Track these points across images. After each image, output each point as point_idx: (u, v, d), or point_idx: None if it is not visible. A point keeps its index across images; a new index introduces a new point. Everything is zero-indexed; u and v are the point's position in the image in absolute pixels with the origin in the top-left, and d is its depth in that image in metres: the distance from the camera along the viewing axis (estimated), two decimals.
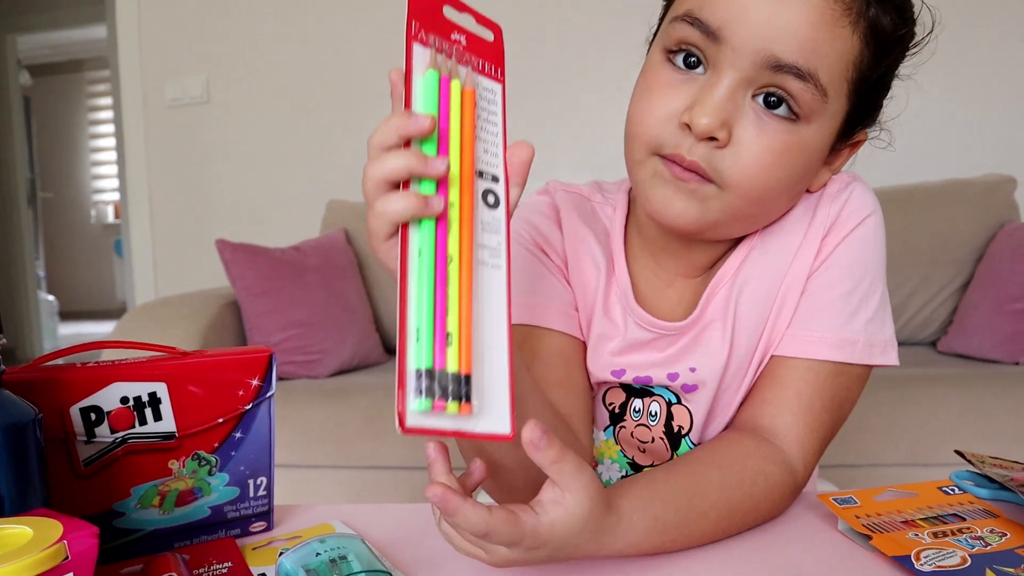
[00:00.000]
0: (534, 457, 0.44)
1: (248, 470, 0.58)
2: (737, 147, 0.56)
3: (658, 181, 0.60)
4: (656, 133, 0.59)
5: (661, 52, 0.60)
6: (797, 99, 0.56)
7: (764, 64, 0.55)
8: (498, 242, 0.44)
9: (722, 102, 0.55)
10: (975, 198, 2.09)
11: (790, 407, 0.62)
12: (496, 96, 0.45)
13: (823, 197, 0.66)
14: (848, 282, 0.65)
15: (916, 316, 2.09)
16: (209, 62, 2.81)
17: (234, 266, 1.95)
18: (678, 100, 0.58)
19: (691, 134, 0.56)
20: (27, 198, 5.20)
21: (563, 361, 0.68)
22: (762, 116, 0.56)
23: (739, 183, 0.57)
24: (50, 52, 6.54)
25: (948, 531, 0.53)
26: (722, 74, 0.56)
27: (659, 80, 0.60)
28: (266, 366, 0.57)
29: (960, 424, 1.54)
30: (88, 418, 0.51)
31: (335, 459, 1.67)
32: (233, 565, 0.52)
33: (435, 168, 0.40)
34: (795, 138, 0.57)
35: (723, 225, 0.61)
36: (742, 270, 0.66)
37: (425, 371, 0.39)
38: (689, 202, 0.59)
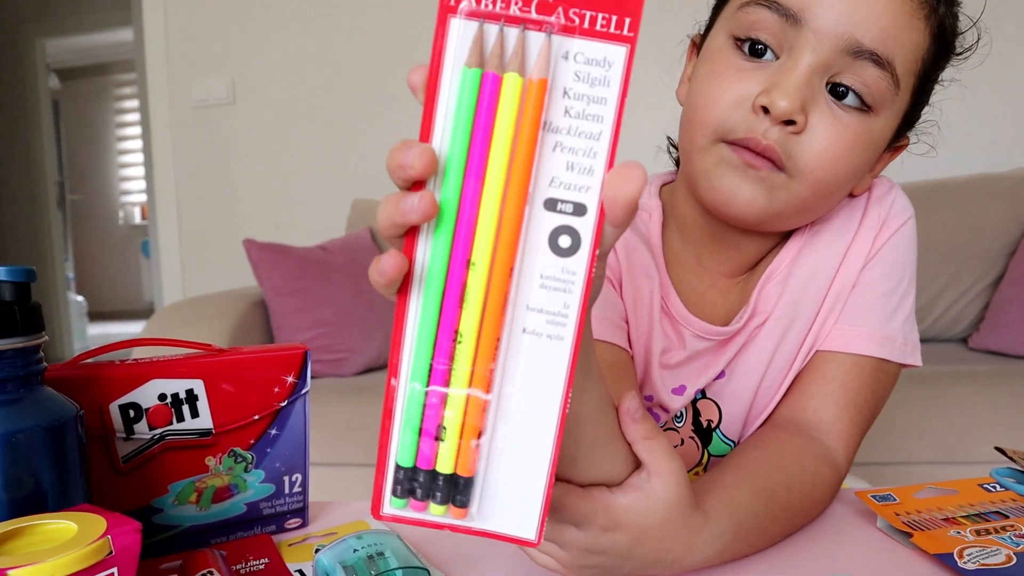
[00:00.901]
0: (627, 429, 0.42)
1: (283, 467, 0.58)
2: (812, 134, 0.56)
3: (725, 168, 0.58)
4: (726, 117, 0.57)
5: (728, 38, 0.59)
6: (872, 88, 0.55)
7: (845, 49, 0.54)
8: (565, 304, 0.31)
9: (801, 85, 0.55)
10: (1006, 192, 2.06)
11: (836, 401, 0.62)
12: (610, 70, 0.29)
13: (871, 199, 0.67)
14: (891, 281, 0.65)
15: (947, 313, 2.06)
16: (234, 63, 2.83)
17: (262, 266, 1.96)
18: (751, 84, 0.56)
19: (766, 118, 0.55)
20: (56, 200, 5.28)
21: (616, 374, 0.63)
22: (835, 105, 0.56)
23: (812, 171, 0.56)
24: (78, 56, 6.62)
25: (991, 529, 0.52)
26: (800, 58, 0.55)
27: (728, 65, 0.58)
28: (301, 363, 0.57)
29: (993, 421, 1.52)
30: (127, 415, 0.52)
31: (364, 457, 1.67)
32: (270, 561, 0.53)
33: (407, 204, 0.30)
34: (866, 128, 0.57)
35: (786, 216, 0.61)
36: (792, 266, 0.66)
37: (406, 470, 0.32)
38: (758, 190, 0.57)
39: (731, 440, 0.69)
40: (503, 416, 0.32)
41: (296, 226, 2.71)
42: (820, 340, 0.66)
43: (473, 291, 0.31)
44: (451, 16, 0.29)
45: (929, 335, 2.09)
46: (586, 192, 0.30)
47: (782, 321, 0.66)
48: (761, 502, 0.52)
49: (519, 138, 0.30)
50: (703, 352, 0.67)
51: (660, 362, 0.67)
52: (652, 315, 0.67)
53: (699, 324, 0.66)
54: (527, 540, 0.34)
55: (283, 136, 2.81)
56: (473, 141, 0.30)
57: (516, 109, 0.29)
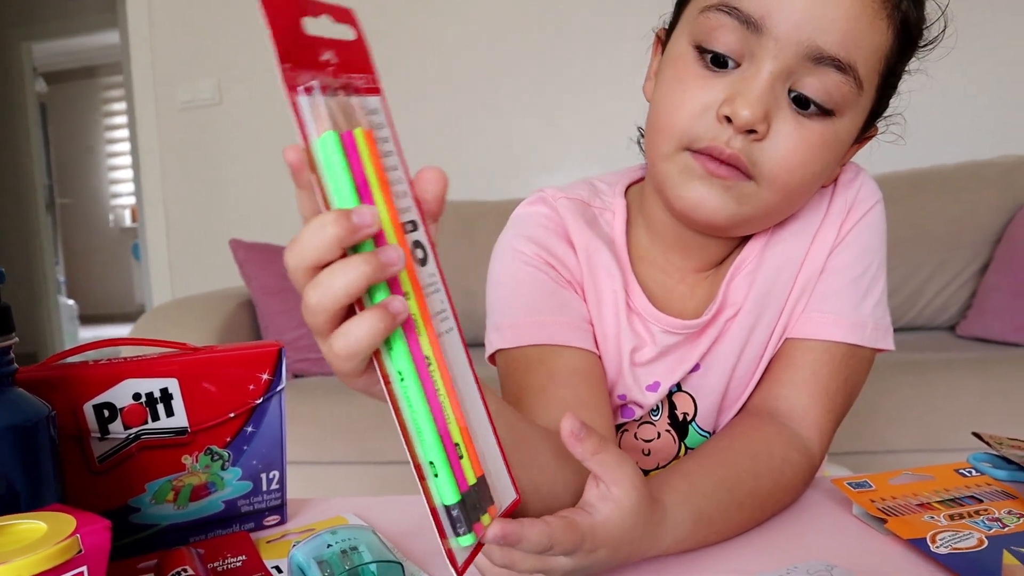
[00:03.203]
0: (574, 450, 0.42)
1: (260, 464, 0.58)
2: (775, 140, 0.55)
3: (690, 177, 0.58)
4: (690, 126, 0.57)
5: (690, 45, 0.58)
6: (834, 93, 0.55)
7: (807, 55, 0.53)
8: (442, 301, 0.36)
9: (763, 94, 0.54)
10: (992, 180, 2.07)
11: (807, 388, 0.63)
12: (380, 114, 0.35)
13: (837, 185, 0.67)
14: (859, 267, 0.65)
15: (934, 300, 2.07)
16: (220, 64, 2.82)
17: (248, 266, 1.96)
18: (713, 92, 0.56)
19: (729, 127, 0.55)
20: (45, 204, 5.26)
21: (582, 379, 0.63)
22: (798, 112, 0.56)
23: (777, 176, 0.56)
24: (65, 59, 6.59)
25: (965, 513, 0.52)
26: (762, 65, 0.54)
27: (691, 72, 0.58)
28: (275, 360, 0.57)
29: (979, 408, 1.53)
30: (101, 415, 0.52)
31: (351, 455, 1.67)
32: (247, 558, 0.53)
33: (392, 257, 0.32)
34: (831, 132, 0.57)
35: (756, 221, 0.61)
36: (761, 258, 0.66)
37: (457, 504, 0.34)
38: (725, 198, 0.57)
39: (707, 432, 0.69)
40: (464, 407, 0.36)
41: (284, 226, 2.71)
42: (790, 328, 0.66)
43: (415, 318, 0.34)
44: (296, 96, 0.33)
45: (917, 323, 2.11)
46: (412, 209, 0.35)
47: (753, 312, 0.66)
48: (725, 489, 0.52)
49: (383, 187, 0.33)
50: (674, 347, 0.67)
51: (631, 360, 0.67)
52: (618, 314, 0.66)
53: (666, 319, 0.66)
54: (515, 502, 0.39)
55: (270, 136, 2.80)
56: (361, 193, 0.33)
57: (370, 156, 0.33)
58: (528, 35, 2.59)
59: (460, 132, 2.63)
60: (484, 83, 2.61)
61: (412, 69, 2.65)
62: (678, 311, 0.67)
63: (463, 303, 2.21)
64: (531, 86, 2.59)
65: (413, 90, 2.65)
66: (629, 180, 0.72)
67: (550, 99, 2.57)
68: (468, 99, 2.63)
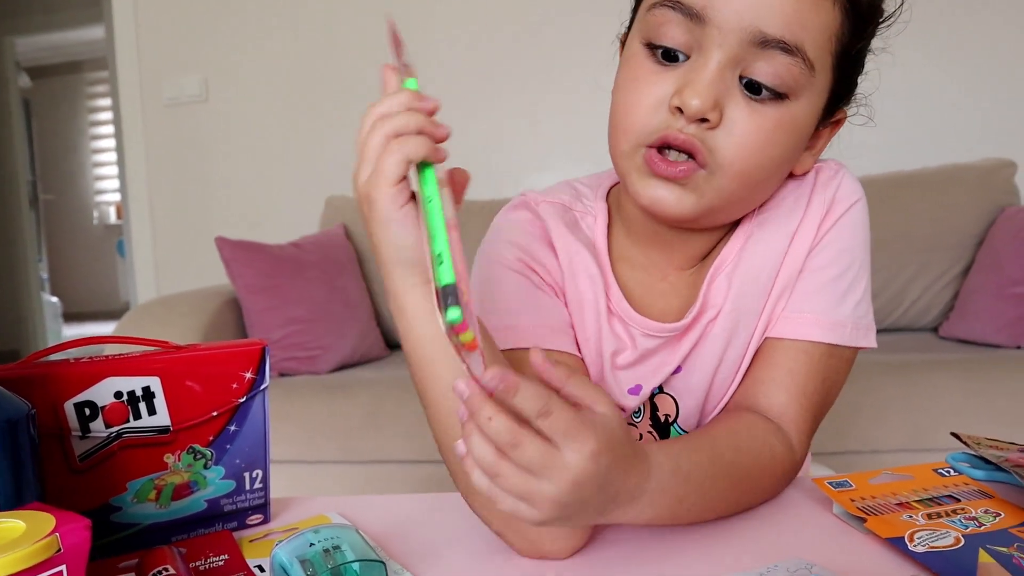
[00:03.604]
0: (548, 378, 0.43)
1: (244, 463, 0.58)
2: (729, 127, 0.56)
3: (645, 175, 0.59)
4: (645, 122, 0.58)
5: (641, 43, 0.59)
6: (784, 76, 0.55)
7: (751, 41, 0.54)
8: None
9: (712, 82, 0.55)
10: (975, 182, 2.09)
11: (785, 387, 0.63)
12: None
13: (816, 184, 0.67)
14: (839, 266, 0.65)
15: (917, 302, 2.09)
16: (206, 61, 2.81)
17: (234, 263, 1.95)
18: (665, 86, 0.57)
19: (682, 117, 0.56)
20: (29, 200, 5.21)
21: None
22: (750, 97, 0.56)
23: (732, 163, 0.57)
24: (49, 54, 6.53)
25: (942, 512, 0.53)
26: (709, 55, 0.55)
27: (643, 69, 0.59)
28: (259, 359, 0.57)
29: (962, 409, 1.54)
30: (82, 413, 0.51)
31: (337, 454, 1.67)
32: (229, 557, 0.53)
33: (443, 131, 0.47)
34: (786, 115, 0.57)
35: (719, 210, 0.61)
36: (740, 257, 0.66)
37: (451, 285, 0.41)
38: (682, 194, 0.58)
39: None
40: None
41: (270, 223, 2.70)
42: (770, 328, 0.66)
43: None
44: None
45: (900, 324, 2.12)
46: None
47: (733, 313, 0.66)
48: (705, 456, 0.53)
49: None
50: (655, 350, 0.67)
51: (612, 363, 0.67)
52: (599, 317, 0.67)
53: (646, 323, 0.66)
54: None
55: (256, 133, 2.79)
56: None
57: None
58: (512, 36, 2.59)
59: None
60: (468, 84, 2.61)
61: None
62: (661, 311, 0.67)
63: None
64: (515, 87, 2.59)
65: None
66: (611, 182, 0.72)
67: (534, 100, 2.57)
68: (456, 99, 2.63)
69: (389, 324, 2.28)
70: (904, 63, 2.32)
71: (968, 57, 2.35)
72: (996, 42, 2.32)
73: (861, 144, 0.67)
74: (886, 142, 2.33)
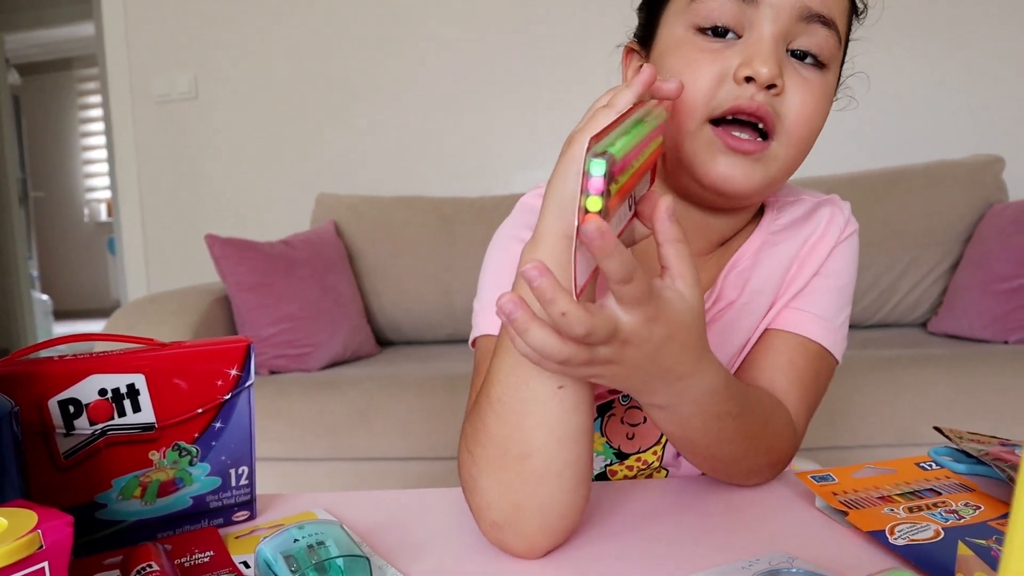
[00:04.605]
0: (661, 225, 0.45)
1: (229, 460, 0.58)
2: (790, 95, 0.60)
3: (714, 152, 0.60)
4: (712, 94, 0.60)
5: (687, 27, 0.62)
6: (824, 47, 0.60)
7: (799, 15, 0.59)
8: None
9: (775, 51, 0.59)
10: (963, 178, 2.10)
11: (786, 374, 0.66)
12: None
13: (825, 202, 0.72)
14: (842, 279, 0.70)
15: (906, 297, 2.10)
16: (196, 58, 2.80)
17: (224, 261, 1.95)
18: (727, 61, 0.60)
19: (749, 86, 0.59)
20: (18, 198, 5.18)
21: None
22: (799, 66, 0.61)
23: (796, 129, 0.60)
24: (39, 51, 6.50)
25: (923, 506, 0.53)
26: (763, 30, 0.59)
27: (699, 49, 0.61)
28: (244, 356, 0.57)
29: (949, 404, 1.55)
30: (67, 411, 0.51)
31: (327, 451, 1.67)
32: (215, 554, 0.53)
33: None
34: (826, 83, 0.62)
35: (775, 183, 0.63)
36: (757, 258, 0.69)
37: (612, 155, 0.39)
38: (753, 167, 0.60)
39: None
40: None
41: (260, 221, 2.70)
42: (772, 321, 0.69)
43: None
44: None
45: (889, 320, 2.13)
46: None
47: (744, 308, 0.69)
48: (743, 390, 0.57)
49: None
50: None
51: None
52: None
53: None
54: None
55: (247, 131, 2.78)
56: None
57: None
58: (507, 34, 2.59)
59: (440, 129, 2.63)
60: (463, 81, 2.61)
61: (394, 67, 2.65)
62: None
63: (441, 300, 2.23)
64: (510, 84, 2.59)
65: (394, 87, 2.64)
66: None
67: (528, 97, 2.58)
68: (447, 96, 2.63)
69: (380, 322, 2.28)
70: (894, 60, 2.35)
71: (958, 54, 2.36)
72: (986, 39, 2.33)
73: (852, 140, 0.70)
74: (876, 138, 2.35)
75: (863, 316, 2.12)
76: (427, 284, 2.25)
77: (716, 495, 0.61)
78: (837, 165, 2.14)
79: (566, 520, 0.52)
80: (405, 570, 0.50)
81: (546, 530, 0.51)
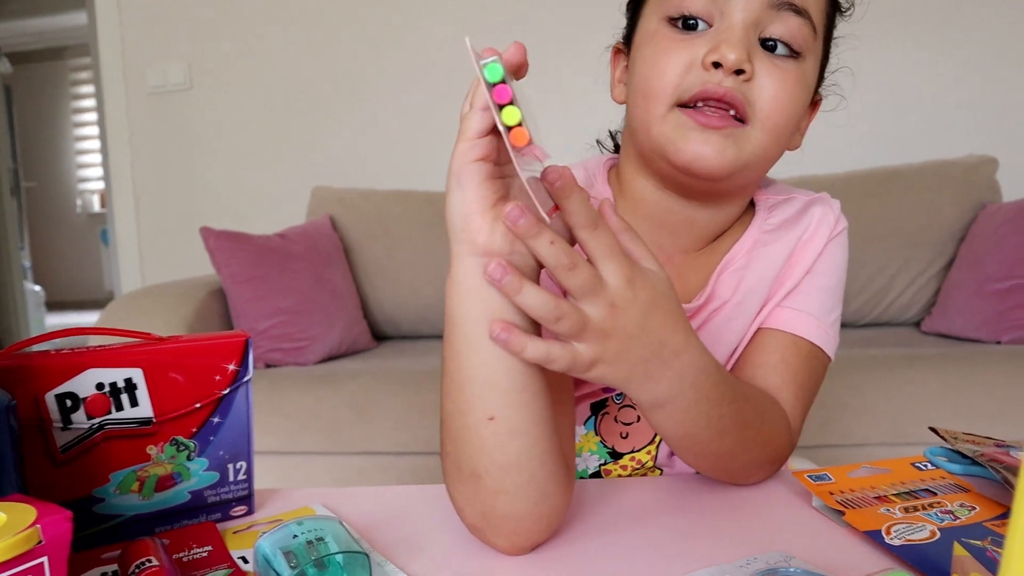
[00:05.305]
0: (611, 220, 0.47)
1: (227, 455, 0.58)
2: (760, 81, 0.60)
3: (686, 131, 0.60)
4: (679, 81, 0.61)
5: (661, 20, 0.63)
6: (796, 34, 0.61)
7: (769, 3, 0.60)
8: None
9: (743, 39, 0.59)
10: (957, 179, 2.11)
11: (780, 373, 0.66)
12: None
13: (815, 201, 0.72)
14: (832, 279, 0.71)
15: (900, 297, 2.11)
16: (190, 48, 2.79)
17: (219, 254, 1.94)
18: (695, 49, 0.60)
19: (717, 72, 0.59)
20: (10, 188, 5.15)
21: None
22: (771, 56, 0.61)
23: (769, 115, 0.61)
24: (31, 39, 6.46)
25: (919, 506, 0.54)
26: (734, 17, 0.60)
27: (670, 39, 0.62)
28: (242, 351, 0.57)
29: (942, 403, 1.56)
30: (64, 405, 0.51)
31: (323, 445, 1.67)
32: (213, 549, 0.53)
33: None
34: (800, 71, 0.62)
35: (752, 167, 0.63)
36: (749, 257, 0.69)
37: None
38: (723, 144, 0.60)
39: None
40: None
41: (256, 214, 2.69)
42: (765, 320, 0.70)
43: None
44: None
45: (883, 319, 2.14)
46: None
47: (737, 307, 0.69)
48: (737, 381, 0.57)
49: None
50: None
51: None
52: None
53: None
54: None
55: (242, 123, 2.77)
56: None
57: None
58: (503, 32, 2.59)
59: (437, 126, 2.62)
60: (459, 75, 2.61)
61: (391, 61, 2.64)
62: None
63: (436, 295, 2.22)
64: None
65: (391, 81, 2.64)
66: (608, 166, 0.75)
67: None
68: (444, 91, 2.62)
69: (376, 316, 2.28)
70: (889, 58, 2.35)
71: (953, 53, 2.36)
72: (982, 39, 2.34)
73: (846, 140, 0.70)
74: (870, 138, 2.35)
75: (857, 315, 2.13)
76: (423, 279, 2.25)
77: (713, 493, 0.61)
78: (831, 164, 2.15)
79: (541, 523, 0.51)
80: (404, 566, 0.50)
81: (521, 533, 0.51)
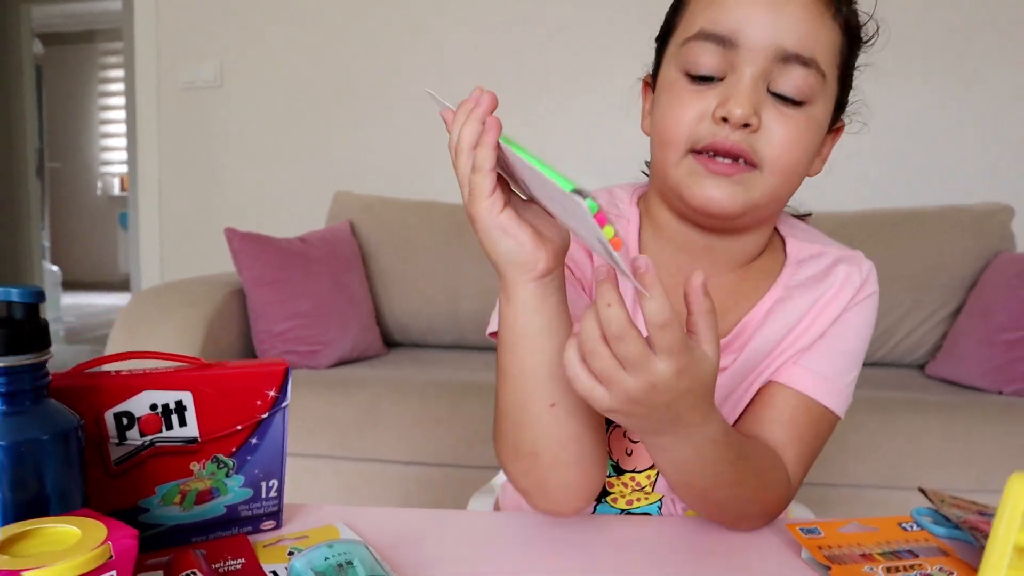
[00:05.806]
0: (695, 298, 0.50)
1: (262, 473, 0.63)
2: (768, 130, 0.65)
3: (698, 176, 0.66)
4: (691, 132, 0.66)
5: (679, 71, 0.68)
6: (803, 85, 0.64)
7: (776, 57, 0.64)
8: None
9: (750, 94, 0.64)
10: (971, 225, 2.13)
11: (787, 430, 0.69)
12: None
13: (844, 259, 0.75)
14: (852, 342, 0.73)
15: (906, 339, 2.13)
16: (223, 47, 2.84)
17: (242, 255, 1.99)
18: (706, 101, 0.65)
19: (726, 126, 0.64)
20: (35, 168, 5.23)
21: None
22: (779, 104, 0.65)
23: (776, 159, 0.65)
24: (63, 22, 6.55)
25: (901, 567, 0.57)
26: (743, 72, 0.64)
27: (684, 91, 0.67)
28: (282, 378, 0.62)
29: (940, 450, 1.59)
30: (120, 422, 0.56)
31: (332, 450, 1.71)
32: (246, 562, 0.57)
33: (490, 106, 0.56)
34: (808, 116, 0.66)
35: (763, 206, 0.68)
36: (766, 318, 0.73)
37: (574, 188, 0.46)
38: (734, 190, 0.65)
39: None
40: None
41: (277, 215, 2.74)
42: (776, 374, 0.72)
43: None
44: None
45: (888, 360, 2.17)
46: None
47: (751, 361, 0.72)
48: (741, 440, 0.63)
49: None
50: None
51: None
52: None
53: None
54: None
55: (268, 124, 2.82)
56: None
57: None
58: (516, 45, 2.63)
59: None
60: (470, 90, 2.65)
61: (417, 70, 2.68)
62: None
63: (448, 306, 2.27)
64: (519, 94, 2.61)
65: (416, 90, 2.68)
66: (642, 190, 0.80)
67: (538, 106, 2.61)
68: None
69: (388, 323, 2.33)
70: (908, 100, 2.38)
71: (973, 98, 2.39)
72: (1003, 84, 2.36)
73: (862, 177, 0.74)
74: (886, 177, 2.38)
75: None
76: (435, 289, 2.29)
77: (707, 538, 0.65)
78: (846, 202, 2.19)
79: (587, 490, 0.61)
80: None
81: (570, 500, 0.62)
